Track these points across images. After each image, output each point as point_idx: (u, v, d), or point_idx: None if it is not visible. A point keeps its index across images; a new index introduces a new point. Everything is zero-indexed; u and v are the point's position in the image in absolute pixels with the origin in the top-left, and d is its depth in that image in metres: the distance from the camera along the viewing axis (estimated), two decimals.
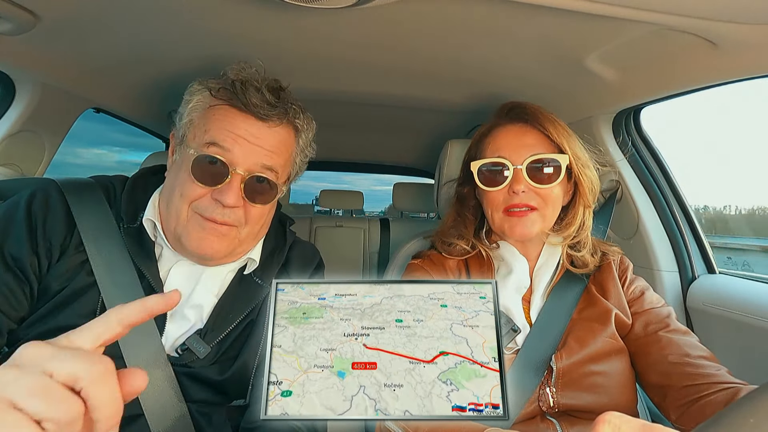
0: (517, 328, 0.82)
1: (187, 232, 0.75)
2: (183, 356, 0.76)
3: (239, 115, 0.75)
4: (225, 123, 0.75)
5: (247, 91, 0.74)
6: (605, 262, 0.91)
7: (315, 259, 0.97)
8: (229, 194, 0.73)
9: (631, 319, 0.85)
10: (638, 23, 0.77)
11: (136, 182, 0.84)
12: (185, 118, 0.79)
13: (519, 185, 0.83)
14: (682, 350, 0.79)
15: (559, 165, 0.85)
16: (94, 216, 0.76)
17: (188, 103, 0.79)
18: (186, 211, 0.75)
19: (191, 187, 0.74)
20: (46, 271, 0.72)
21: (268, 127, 0.77)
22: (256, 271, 0.86)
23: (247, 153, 0.74)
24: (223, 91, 0.76)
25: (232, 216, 0.75)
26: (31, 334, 0.70)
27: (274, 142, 0.78)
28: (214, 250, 0.76)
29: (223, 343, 0.80)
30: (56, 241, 0.73)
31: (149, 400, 0.71)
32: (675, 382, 0.77)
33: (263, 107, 0.75)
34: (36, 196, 0.75)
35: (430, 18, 0.86)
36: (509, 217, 0.85)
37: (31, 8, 0.84)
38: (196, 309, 0.80)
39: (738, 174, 8.55)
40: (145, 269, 0.76)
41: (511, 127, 0.90)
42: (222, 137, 0.74)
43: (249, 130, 0.75)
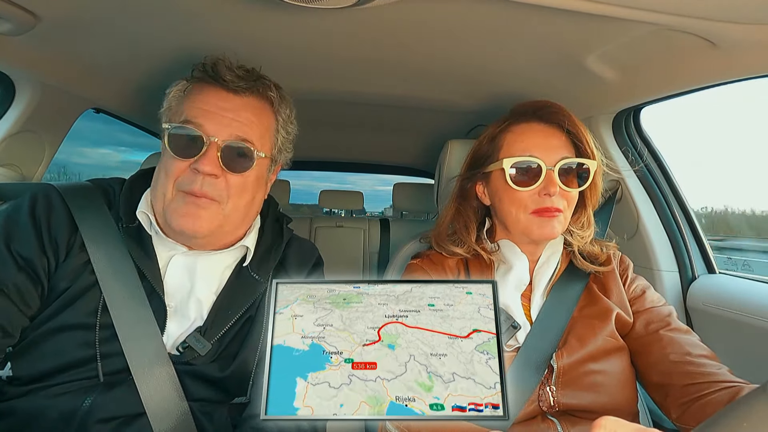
0: (517, 324, 0.81)
1: (171, 210, 0.77)
2: (184, 354, 0.77)
3: (210, 90, 0.79)
4: (197, 101, 0.78)
5: (217, 67, 0.79)
6: (610, 266, 0.91)
7: (313, 256, 0.97)
8: (205, 161, 0.75)
9: (632, 317, 0.85)
10: (638, 23, 0.77)
11: (133, 183, 0.86)
12: (165, 107, 0.83)
13: (554, 187, 0.81)
14: (683, 349, 0.79)
15: (589, 171, 0.85)
16: (94, 218, 0.78)
17: (168, 95, 0.84)
18: (171, 189, 0.77)
19: (172, 163, 0.77)
20: (54, 270, 0.74)
21: (239, 98, 0.80)
22: (252, 267, 0.86)
23: (219, 124, 0.77)
24: (196, 73, 0.81)
25: (211, 187, 0.76)
26: (38, 332, 0.72)
27: (247, 114, 0.80)
28: (197, 226, 0.76)
29: (223, 340, 0.81)
30: (62, 241, 0.75)
31: (151, 399, 0.71)
32: (676, 381, 0.77)
33: (233, 80, 0.79)
34: (38, 199, 0.77)
35: (430, 18, 0.85)
36: (539, 218, 0.83)
37: (31, 8, 0.84)
38: (197, 306, 0.80)
39: None
40: (145, 267, 0.77)
41: (538, 126, 0.88)
42: (194, 114, 0.77)
43: (219, 104, 0.78)
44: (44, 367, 0.71)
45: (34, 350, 0.72)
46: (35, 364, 0.71)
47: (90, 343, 0.72)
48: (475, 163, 0.95)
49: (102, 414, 0.69)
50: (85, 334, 0.72)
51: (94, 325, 0.72)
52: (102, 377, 0.72)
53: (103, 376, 0.72)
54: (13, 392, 0.71)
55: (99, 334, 0.72)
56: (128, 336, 0.73)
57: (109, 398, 0.70)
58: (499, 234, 0.93)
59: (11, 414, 0.70)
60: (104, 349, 0.72)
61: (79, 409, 0.69)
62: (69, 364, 0.71)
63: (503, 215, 0.88)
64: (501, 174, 0.85)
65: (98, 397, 0.70)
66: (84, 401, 0.70)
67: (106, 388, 0.71)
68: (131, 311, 0.74)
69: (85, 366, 0.72)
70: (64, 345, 0.71)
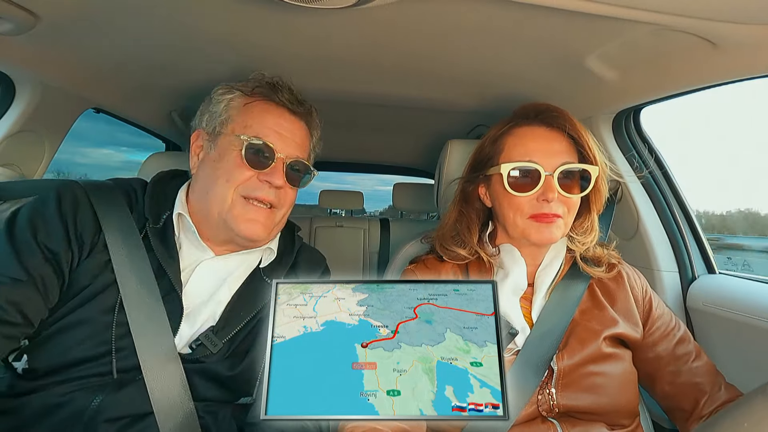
0: (515, 331, 0.81)
1: (234, 215, 0.82)
2: (196, 351, 0.79)
3: (275, 110, 0.87)
4: (264, 119, 0.85)
5: (281, 89, 0.88)
6: (615, 269, 0.91)
7: (321, 264, 1.02)
8: (276, 175, 0.83)
9: (641, 334, 0.85)
10: (638, 23, 0.77)
11: (156, 185, 0.89)
12: (221, 115, 0.87)
13: (552, 193, 0.81)
14: (692, 379, 0.83)
15: (590, 177, 0.84)
16: (117, 217, 0.81)
17: (220, 103, 0.88)
18: (231, 194, 0.82)
19: (240, 171, 0.82)
20: (77, 266, 0.76)
21: (296, 122, 0.89)
22: (266, 271, 0.90)
23: (284, 144, 0.85)
24: (259, 90, 0.88)
25: (276, 196, 0.85)
26: (56, 325, 0.73)
27: (301, 136, 0.90)
28: (260, 231, 0.84)
29: (235, 340, 0.83)
30: (87, 237, 0.77)
31: (160, 398, 0.73)
32: (681, 405, 0.83)
33: (293, 103, 0.88)
34: (65, 194, 0.79)
35: (430, 18, 0.85)
36: (536, 223, 0.83)
37: (31, 8, 0.84)
38: (213, 306, 0.83)
39: None
40: (167, 267, 0.80)
41: (540, 130, 0.87)
42: (265, 132, 0.84)
43: (284, 125, 0.87)
44: (60, 360, 0.72)
45: (51, 343, 0.73)
46: (51, 357, 0.72)
47: (106, 339, 0.73)
48: (477, 165, 0.95)
49: (110, 413, 0.70)
50: (101, 330, 0.74)
51: (111, 322, 0.74)
52: (116, 373, 0.73)
53: (116, 373, 0.73)
54: (24, 387, 0.72)
55: (115, 331, 0.74)
56: (142, 334, 0.74)
57: (118, 397, 0.72)
58: (500, 237, 0.93)
59: (21, 410, 0.71)
60: (118, 345, 0.74)
61: (88, 408, 0.70)
62: (84, 359, 0.72)
63: (503, 218, 0.88)
64: (500, 178, 0.85)
65: (107, 397, 0.71)
66: (93, 400, 0.71)
67: (116, 387, 0.72)
68: (146, 310, 0.76)
69: (98, 360, 0.73)
70: (81, 339, 0.73)
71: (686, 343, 0.87)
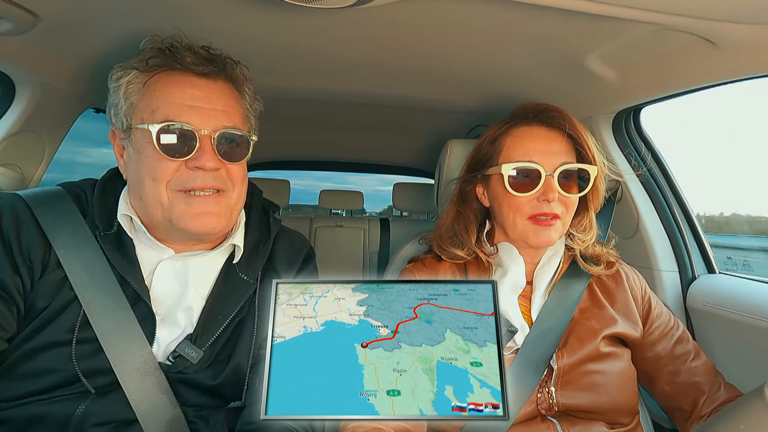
0: (514, 328, 0.81)
1: (178, 213, 0.72)
2: (176, 363, 0.74)
3: (179, 78, 0.73)
4: (170, 95, 0.72)
5: (178, 51, 0.73)
6: (614, 267, 0.92)
7: (303, 250, 0.92)
8: (206, 156, 0.71)
9: (640, 333, 0.86)
10: (638, 23, 0.77)
11: (104, 186, 0.80)
12: (123, 105, 0.74)
13: (553, 193, 0.81)
14: (691, 379, 0.83)
15: (590, 177, 0.84)
16: (68, 228, 0.73)
17: (118, 90, 0.75)
18: (165, 193, 0.72)
19: (163, 165, 0.71)
20: (30, 288, 0.70)
21: (212, 84, 0.75)
22: (240, 267, 0.82)
23: (204, 117, 0.72)
24: (154, 61, 0.73)
25: (217, 180, 0.73)
26: (17, 353, 0.69)
27: (225, 101, 0.76)
28: (212, 223, 0.74)
29: (216, 345, 0.78)
30: (35, 257, 0.70)
31: (141, 406, 0.70)
32: (680, 405, 0.84)
33: (200, 63, 0.73)
34: (3, 213, 0.71)
35: (430, 18, 0.85)
36: (535, 225, 0.83)
37: (31, 8, 0.84)
38: (186, 312, 0.77)
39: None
40: (128, 275, 0.73)
41: (539, 130, 0.87)
42: (175, 112, 0.71)
43: (195, 94, 0.73)
44: (27, 388, 0.68)
45: (14, 372, 0.68)
46: (18, 385, 0.68)
47: (69, 359, 0.68)
48: (475, 165, 0.95)
49: (96, 419, 0.68)
50: (66, 351, 0.69)
51: (70, 341, 0.69)
52: (92, 390, 0.70)
53: (93, 389, 0.70)
54: (2, 405, 0.68)
55: (77, 351, 0.69)
56: (115, 348, 0.70)
57: (100, 406, 0.69)
58: (498, 236, 0.93)
59: (6, 422, 0.68)
60: (87, 364, 0.69)
61: (73, 416, 0.68)
62: (53, 385, 0.68)
63: (501, 219, 0.88)
64: (500, 178, 0.85)
65: (90, 405, 0.69)
66: (77, 408, 0.68)
67: (98, 397, 0.70)
68: (115, 323, 0.70)
69: (71, 384, 0.69)
70: (46, 365, 0.68)
71: (685, 342, 0.87)
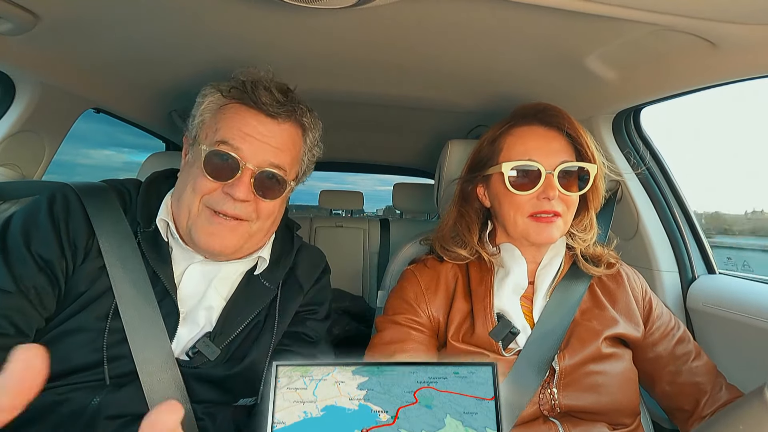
0: (516, 330, 0.82)
1: (197, 227, 0.77)
2: (194, 359, 0.77)
3: (249, 113, 0.78)
4: (235, 121, 0.78)
5: (257, 89, 0.78)
6: (614, 267, 0.92)
7: (321, 263, 0.98)
8: (239, 188, 0.75)
9: (641, 334, 0.86)
10: (638, 23, 0.77)
11: (149, 187, 0.86)
12: (197, 118, 0.82)
13: (553, 191, 0.81)
14: (692, 379, 0.83)
15: (589, 175, 0.85)
16: (110, 221, 0.78)
17: (200, 105, 0.82)
18: (197, 205, 0.77)
19: (203, 181, 0.76)
20: (72, 273, 0.74)
21: (276, 125, 0.79)
22: (263, 274, 0.87)
23: (256, 150, 0.77)
24: (234, 91, 0.79)
25: (243, 210, 0.77)
26: (50, 334, 0.72)
27: (282, 140, 0.80)
28: (224, 246, 0.78)
29: (232, 345, 0.81)
30: (80, 243, 0.75)
31: (156, 399, 0.72)
32: (681, 405, 0.84)
33: (272, 105, 0.78)
34: (56, 198, 0.76)
35: (430, 18, 0.85)
36: (536, 222, 0.83)
37: (31, 8, 0.84)
38: (207, 311, 0.81)
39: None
40: (161, 272, 0.77)
41: (539, 129, 0.88)
42: (232, 135, 0.76)
43: (258, 128, 0.78)
44: (57, 368, 0.70)
45: (48, 350, 0.71)
46: (49, 364, 0.70)
47: (98, 347, 0.72)
48: (475, 165, 0.95)
49: (110, 411, 0.70)
50: (94, 338, 0.72)
51: (103, 329, 0.72)
52: (108, 380, 0.72)
53: (109, 379, 0.72)
54: None
55: (108, 338, 0.72)
56: (138, 340, 0.73)
57: (116, 398, 0.71)
58: (500, 236, 0.93)
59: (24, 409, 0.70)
60: (112, 352, 0.72)
61: (88, 407, 0.69)
62: (76, 368, 0.71)
63: (503, 218, 0.88)
64: (500, 177, 0.85)
65: (106, 397, 0.71)
66: (92, 400, 0.70)
67: (114, 389, 0.72)
68: (142, 316, 0.74)
69: (91, 370, 0.71)
70: (73, 348, 0.71)
71: (686, 342, 0.87)
